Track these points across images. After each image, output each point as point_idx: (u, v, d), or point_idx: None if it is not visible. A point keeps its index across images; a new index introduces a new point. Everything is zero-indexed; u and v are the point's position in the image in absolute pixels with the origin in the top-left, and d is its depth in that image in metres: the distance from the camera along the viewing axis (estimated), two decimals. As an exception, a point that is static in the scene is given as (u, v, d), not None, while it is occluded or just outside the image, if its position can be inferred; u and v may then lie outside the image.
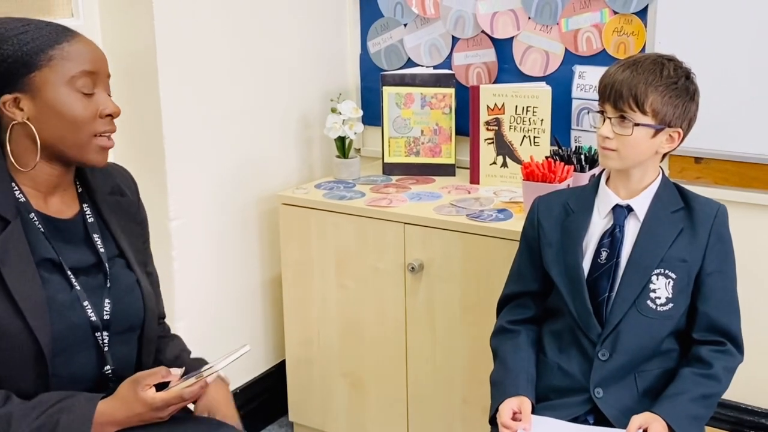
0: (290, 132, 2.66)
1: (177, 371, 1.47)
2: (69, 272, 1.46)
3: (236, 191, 2.49)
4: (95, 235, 1.52)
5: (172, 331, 1.77)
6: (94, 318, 1.46)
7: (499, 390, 1.74)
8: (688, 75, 1.67)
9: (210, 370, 1.43)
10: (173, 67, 2.22)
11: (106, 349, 1.48)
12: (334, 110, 2.58)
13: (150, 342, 1.58)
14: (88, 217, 1.53)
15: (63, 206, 1.51)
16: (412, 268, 2.26)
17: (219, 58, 2.36)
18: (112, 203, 1.58)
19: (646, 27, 2.33)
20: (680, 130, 1.66)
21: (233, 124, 2.44)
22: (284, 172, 2.65)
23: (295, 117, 2.67)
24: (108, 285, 1.50)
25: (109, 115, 1.46)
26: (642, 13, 2.33)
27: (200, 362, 1.59)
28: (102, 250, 1.52)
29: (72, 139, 1.43)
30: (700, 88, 1.69)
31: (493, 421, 1.73)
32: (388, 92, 2.58)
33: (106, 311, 1.48)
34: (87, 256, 1.50)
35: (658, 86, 1.61)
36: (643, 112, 1.62)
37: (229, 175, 2.46)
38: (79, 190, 1.55)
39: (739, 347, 1.70)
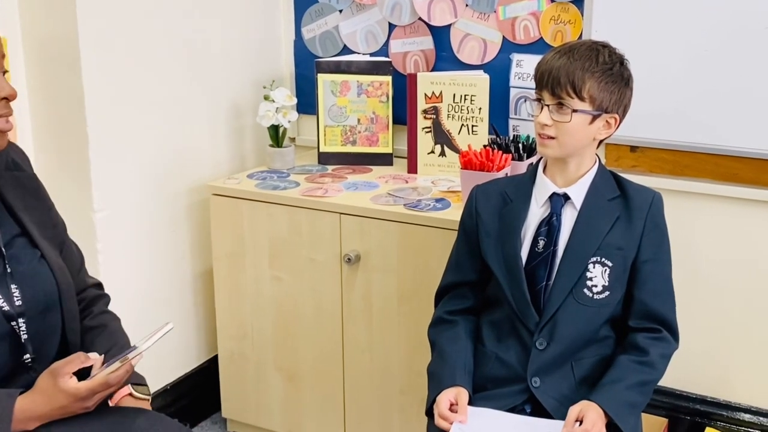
0: (221, 120, 2.64)
1: (96, 356, 1.44)
2: None
3: (164, 181, 2.46)
4: None
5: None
6: (7, 308, 1.42)
7: (436, 381, 1.75)
8: (622, 61, 1.70)
9: (134, 352, 1.40)
10: (97, 51, 2.18)
11: (24, 337, 1.44)
12: (267, 98, 2.56)
13: (72, 318, 1.54)
14: None
15: None
16: (349, 259, 2.26)
17: (145, 43, 2.33)
18: (10, 179, 1.53)
19: (582, 15, 2.36)
20: (617, 116, 1.70)
21: (161, 112, 2.41)
22: (215, 161, 2.63)
23: (226, 104, 2.64)
24: (9, 270, 1.45)
25: (5, 98, 1.40)
26: (579, 2, 2.37)
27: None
28: None
29: None
30: (637, 77, 1.73)
31: (430, 412, 1.74)
32: (323, 80, 2.57)
33: (17, 297, 1.44)
34: None
35: (594, 72, 1.64)
36: (581, 99, 1.65)
37: (157, 164, 2.43)
38: None
39: (674, 334, 1.75)
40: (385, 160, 2.62)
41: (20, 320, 1.43)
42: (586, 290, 1.70)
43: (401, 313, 2.26)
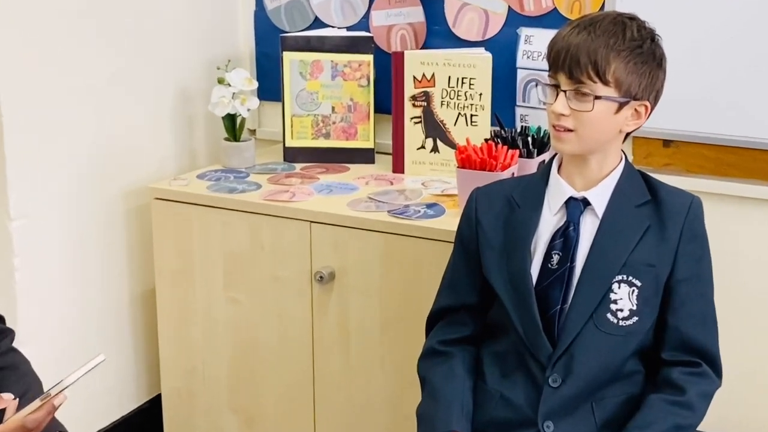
0: (165, 108, 2.63)
1: (10, 396, 1.42)
2: None
3: (97, 183, 2.45)
4: None
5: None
6: None
7: (428, 425, 1.75)
8: (653, 37, 1.70)
9: (58, 387, 1.40)
10: (12, 25, 2.17)
11: None
12: (221, 81, 2.56)
13: None
14: None
15: None
16: (321, 277, 2.25)
17: (73, 16, 2.32)
18: None
19: (605, -18, 2.37)
20: (647, 104, 1.70)
21: (92, 100, 2.40)
22: (158, 159, 2.62)
23: (171, 89, 2.64)
24: None
25: None
26: (600, -34, 2.38)
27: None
28: None
29: None
30: (670, 58, 1.73)
31: (421, 464, 1.74)
32: (290, 59, 2.57)
33: None
34: None
35: (621, 50, 1.64)
36: (605, 83, 1.65)
37: (87, 163, 2.42)
38: None
39: (716, 368, 1.75)
40: (365, 156, 2.62)
41: None
42: (609, 315, 1.70)
43: (385, 343, 2.26)
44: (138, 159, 2.56)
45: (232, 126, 2.60)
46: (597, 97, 1.65)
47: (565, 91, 1.67)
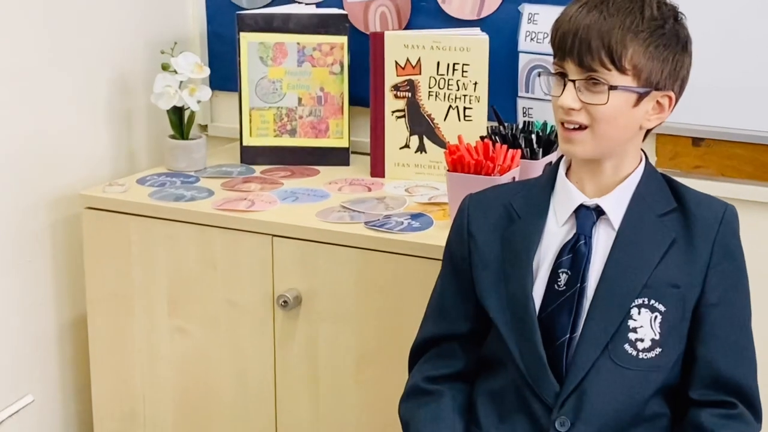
0: (99, 100, 2.63)
1: None
2: None
3: (14, 189, 2.44)
4: None
5: None
6: None
7: (413, 479, 1.75)
8: (676, 15, 1.71)
9: None
10: None
11: None
12: (166, 67, 2.56)
13: None
14: None
15: None
16: (285, 302, 2.25)
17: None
18: None
19: (622, -50, 2.38)
20: (671, 94, 1.71)
21: (7, 90, 2.39)
22: (90, 160, 2.62)
23: (105, 77, 2.64)
24: None
25: None
26: (617, -70, 2.39)
27: None
28: None
29: None
30: (697, 39, 1.74)
31: None
32: (249, 41, 2.58)
33: None
34: None
35: (639, 32, 1.65)
36: (621, 71, 1.66)
37: (3, 165, 2.41)
38: None
39: (754, 409, 1.75)
40: (338, 157, 2.63)
41: None
42: (627, 346, 1.71)
43: (360, 380, 2.26)
44: (66, 161, 2.56)
45: (179, 121, 2.60)
46: (612, 88, 1.66)
47: (573, 82, 1.68)
